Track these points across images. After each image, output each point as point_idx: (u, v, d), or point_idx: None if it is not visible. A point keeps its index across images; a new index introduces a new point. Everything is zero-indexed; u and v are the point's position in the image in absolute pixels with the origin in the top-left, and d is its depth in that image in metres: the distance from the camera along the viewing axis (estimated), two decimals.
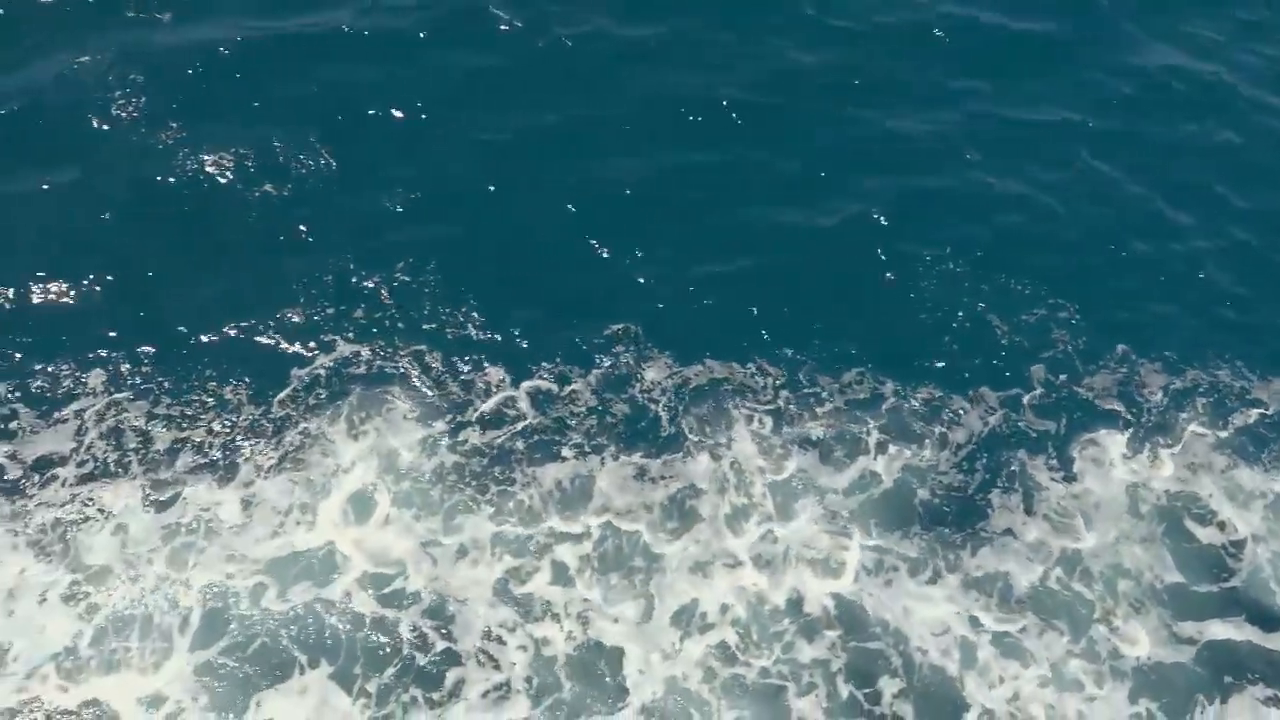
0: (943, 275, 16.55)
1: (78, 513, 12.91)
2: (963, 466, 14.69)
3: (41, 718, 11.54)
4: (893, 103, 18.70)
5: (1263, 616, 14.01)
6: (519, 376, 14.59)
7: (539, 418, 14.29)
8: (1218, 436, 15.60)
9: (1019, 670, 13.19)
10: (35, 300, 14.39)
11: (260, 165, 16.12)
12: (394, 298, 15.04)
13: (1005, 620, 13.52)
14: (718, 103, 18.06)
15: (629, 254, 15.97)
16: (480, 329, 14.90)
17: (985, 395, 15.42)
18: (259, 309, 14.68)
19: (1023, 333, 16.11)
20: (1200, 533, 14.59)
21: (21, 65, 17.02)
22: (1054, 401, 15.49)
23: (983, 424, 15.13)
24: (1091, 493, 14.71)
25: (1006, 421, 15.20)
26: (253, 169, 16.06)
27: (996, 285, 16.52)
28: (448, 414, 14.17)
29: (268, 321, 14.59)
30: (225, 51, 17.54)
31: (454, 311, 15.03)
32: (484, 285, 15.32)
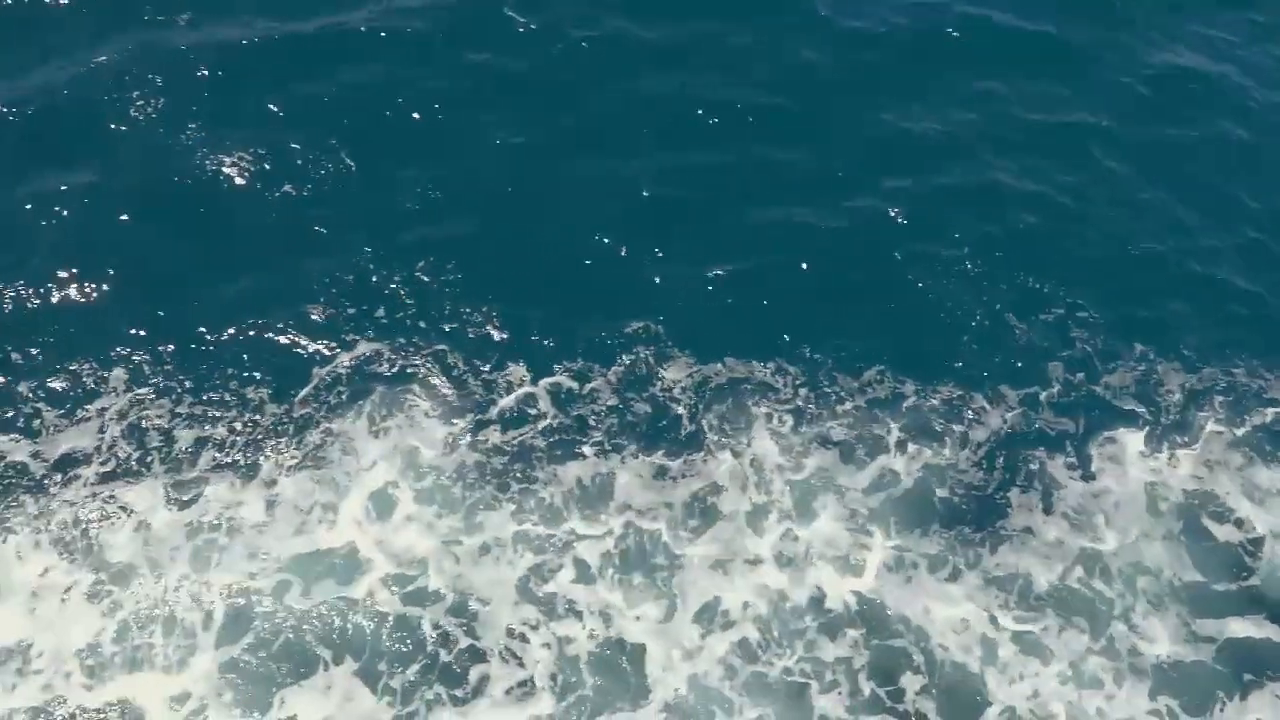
0: (961, 275, 16.60)
1: (100, 511, 12.97)
2: (982, 465, 14.72)
3: (65, 716, 11.54)
4: (909, 103, 18.74)
5: None
6: (539, 375, 14.65)
7: (559, 416, 14.33)
8: (1235, 434, 15.62)
9: (1039, 668, 13.22)
10: (57, 300, 14.44)
11: (279, 166, 16.16)
12: (414, 297, 15.09)
13: (1025, 618, 13.55)
14: (734, 103, 18.10)
15: (647, 253, 16.02)
16: (500, 328, 14.95)
17: (1004, 394, 15.45)
18: (280, 308, 14.73)
19: (1041, 332, 16.15)
20: (1218, 531, 14.61)
21: (40, 66, 17.07)
22: (1072, 400, 15.52)
23: (1002, 423, 15.17)
24: (1110, 491, 14.74)
25: (1025, 420, 15.24)
26: (272, 169, 16.10)
27: (1014, 285, 16.56)
28: (469, 412, 14.21)
29: (289, 321, 14.65)
30: (243, 52, 17.58)
31: (474, 310, 15.08)
32: (503, 285, 15.36)
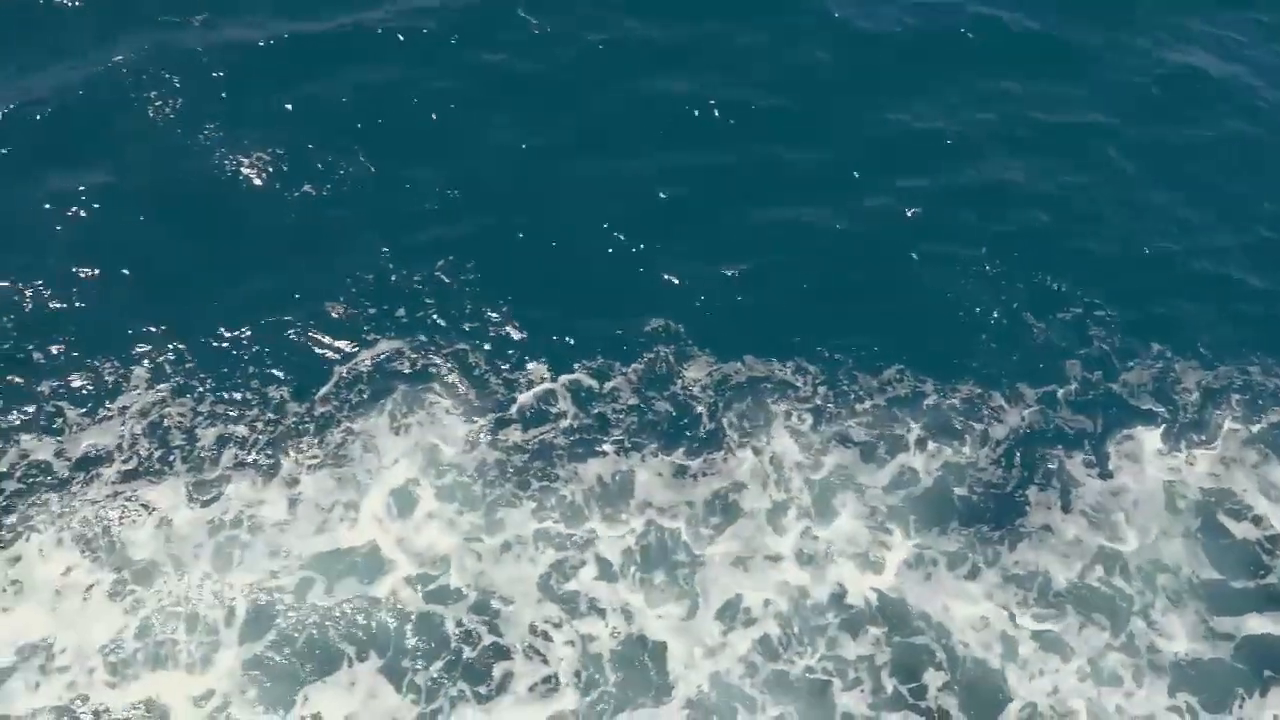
0: (978, 274, 16.65)
1: (122, 509, 13.00)
2: (1001, 463, 14.76)
3: (90, 714, 11.55)
4: (922, 103, 18.79)
5: None
6: (559, 373, 14.69)
7: (579, 414, 14.37)
8: (1251, 432, 15.66)
9: (1059, 664, 13.25)
10: (77, 299, 14.49)
11: (297, 166, 16.22)
12: (434, 296, 15.14)
13: (1045, 615, 13.57)
14: (747, 103, 18.16)
15: (664, 252, 16.07)
16: (519, 326, 15.00)
17: (1022, 393, 15.49)
18: (300, 307, 14.79)
19: (1058, 331, 16.19)
20: (1236, 528, 14.64)
21: (56, 67, 17.14)
22: (1090, 399, 15.56)
23: (1020, 421, 15.20)
24: (1128, 489, 14.78)
25: (1044, 419, 15.28)
26: (290, 170, 16.16)
27: (1031, 284, 16.62)
28: (489, 410, 14.25)
29: (309, 320, 14.70)
30: (258, 53, 17.65)
31: (493, 309, 15.13)
32: (522, 283, 15.42)
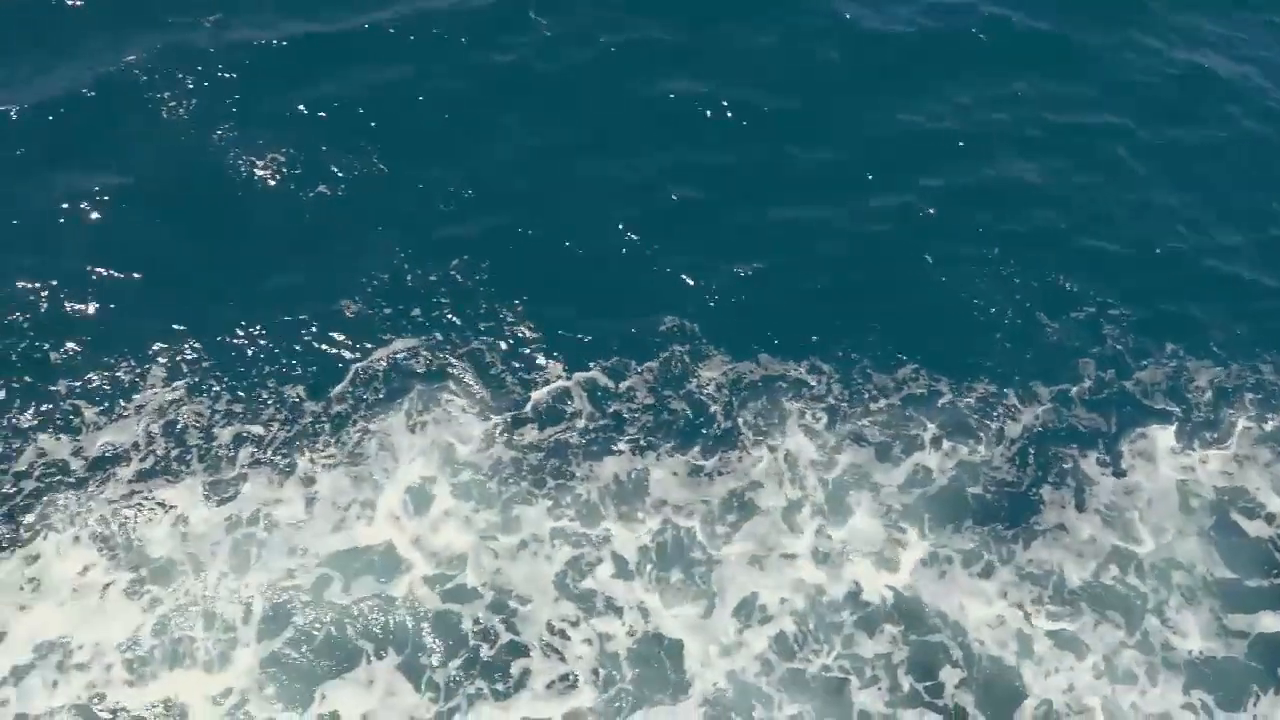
0: (992, 274, 16.70)
1: (139, 508, 13.02)
2: (1015, 462, 14.79)
3: (108, 712, 11.58)
4: (934, 103, 18.84)
5: None
6: (574, 372, 14.72)
7: (595, 413, 14.40)
8: (1264, 430, 15.69)
9: (1074, 662, 13.28)
10: (93, 299, 14.53)
11: (311, 166, 16.26)
12: (449, 295, 15.17)
13: (1060, 613, 13.60)
14: (758, 103, 18.20)
15: (679, 253, 16.11)
16: (534, 326, 15.04)
17: (1036, 392, 15.53)
18: (316, 307, 14.82)
19: (1071, 330, 16.24)
20: (1249, 526, 14.68)
21: (69, 68, 17.15)
22: (1104, 398, 15.60)
23: (1034, 420, 15.24)
24: (1141, 487, 14.81)
25: (1057, 417, 15.31)
26: (304, 170, 16.21)
27: (1044, 284, 16.67)
28: (505, 409, 14.29)
29: (325, 319, 14.73)
30: (271, 54, 17.69)
31: (508, 309, 15.17)
32: (537, 283, 15.45)
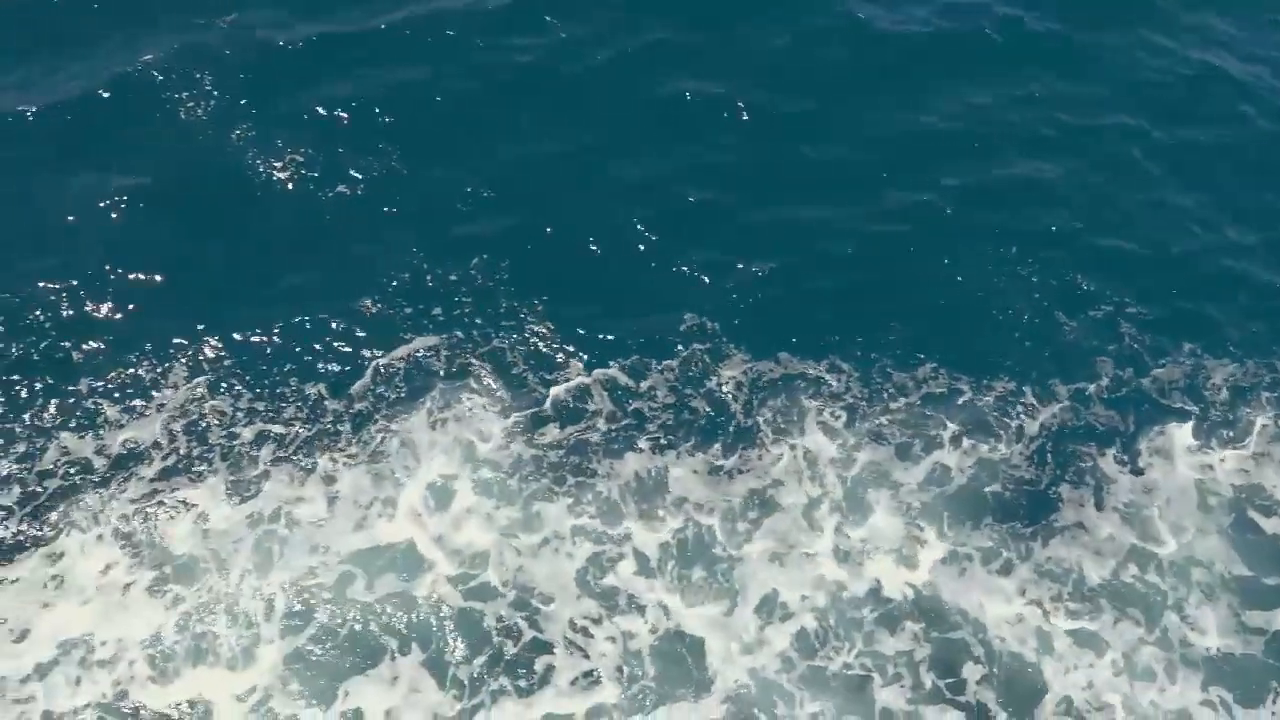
0: (1010, 274, 16.75)
1: (161, 506, 13.08)
2: (1034, 460, 14.82)
3: (131, 709, 11.62)
4: (950, 104, 18.88)
5: None
6: (594, 370, 14.76)
7: (615, 411, 14.45)
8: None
9: (1094, 659, 13.30)
10: (114, 298, 14.59)
11: (329, 166, 16.33)
12: (469, 295, 15.22)
13: (1079, 611, 13.63)
14: (773, 103, 18.25)
15: (698, 252, 16.16)
16: (554, 325, 15.09)
17: (1055, 390, 15.57)
18: (336, 306, 14.88)
19: (1089, 329, 16.27)
20: (1267, 524, 14.70)
21: (85, 68, 17.23)
22: (1122, 396, 15.63)
23: (1053, 419, 15.27)
24: (1160, 485, 14.85)
25: (1076, 416, 15.35)
26: (323, 170, 16.27)
27: (1063, 282, 16.72)
28: (525, 407, 14.33)
29: (345, 318, 14.79)
30: (287, 54, 17.78)
31: (528, 308, 15.22)
32: (556, 282, 15.49)
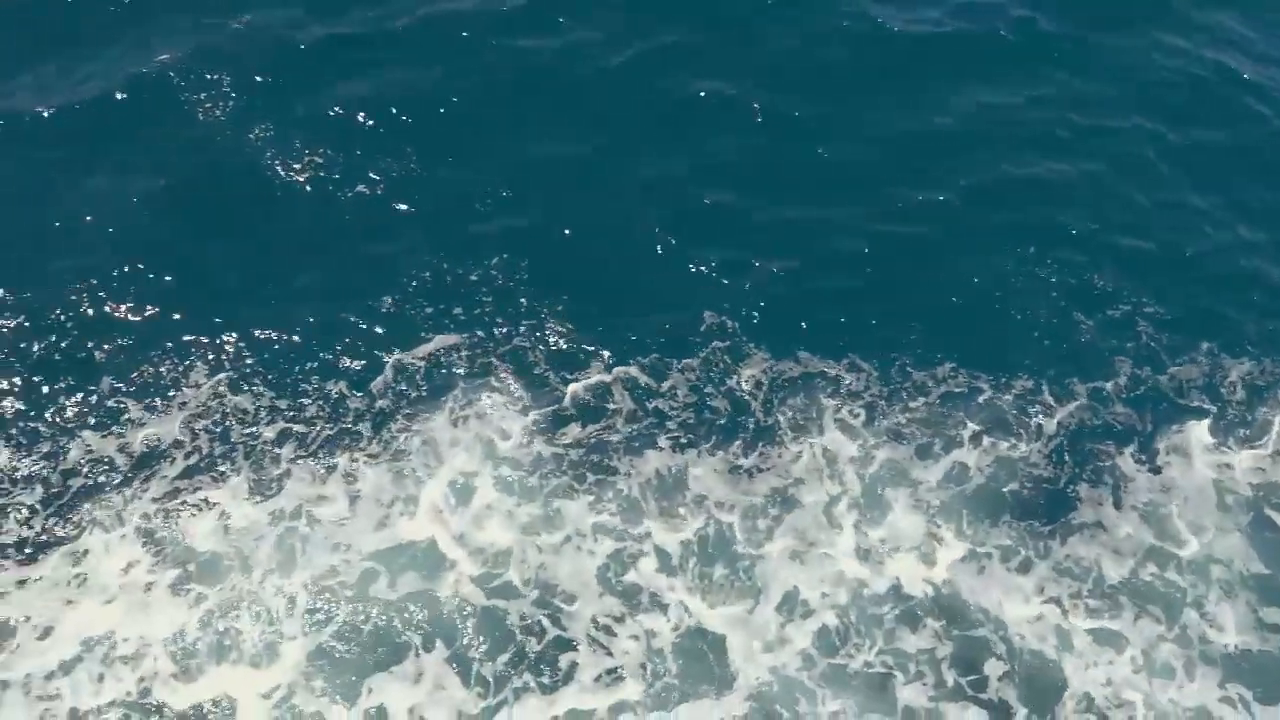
0: (1028, 273, 16.82)
1: (184, 505, 13.13)
2: (1052, 459, 14.88)
3: (156, 707, 11.68)
4: (966, 104, 18.92)
5: None
6: (614, 369, 14.83)
7: (635, 409, 14.50)
8: None
9: (1113, 656, 13.35)
10: (134, 299, 14.65)
11: (348, 166, 16.39)
12: (489, 294, 15.28)
13: (1098, 608, 13.67)
14: (791, 104, 18.29)
15: (716, 251, 16.21)
16: (574, 324, 15.15)
17: (1073, 389, 15.62)
18: (357, 306, 14.95)
19: (1106, 329, 16.33)
20: None
21: (99, 69, 17.28)
22: (1140, 395, 15.69)
23: (1071, 417, 15.33)
24: (1178, 484, 14.89)
25: (1094, 414, 15.41)
26: (341, 170, 16.33)
27: (1081, 282, 16.80)
28: (546, 406, 14.39)
29: (367, 318, 14.86)
30: (303, 55, 17.83)
31: (547, 307, 15.28)
32: (575, 282, 15.56)
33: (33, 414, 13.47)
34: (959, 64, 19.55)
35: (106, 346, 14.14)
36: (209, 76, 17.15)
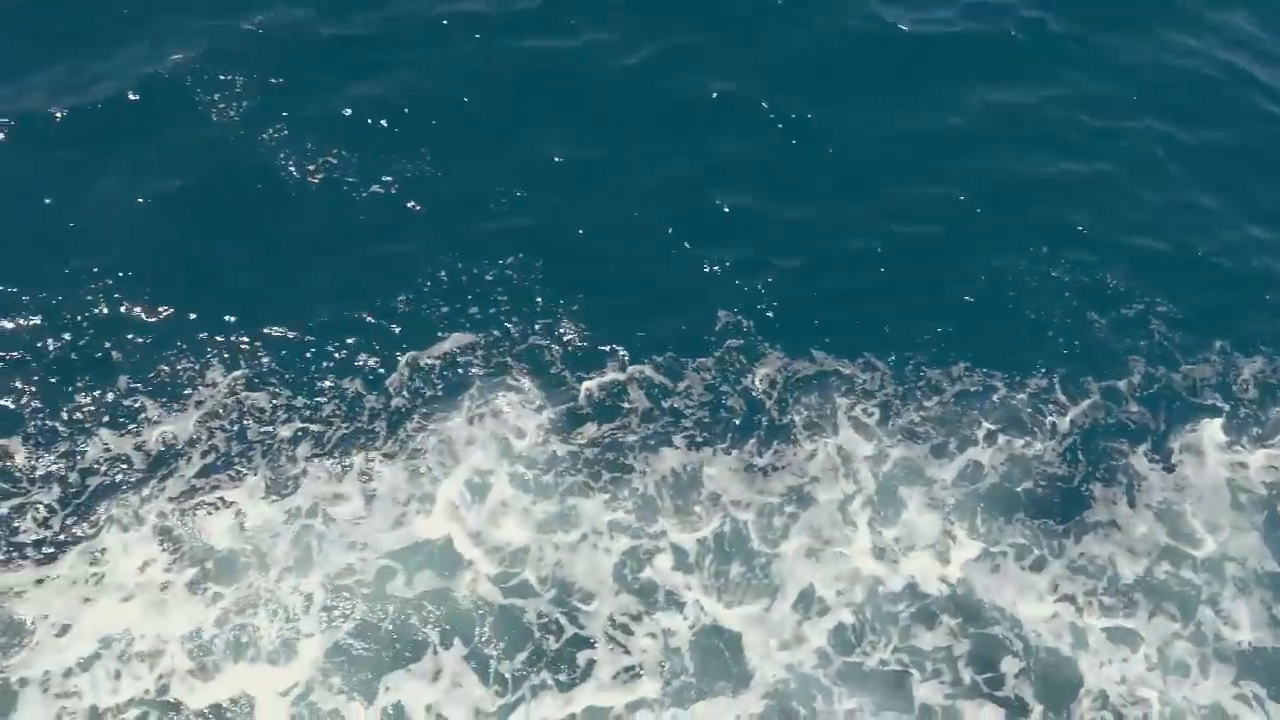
0: (1041, 273, 16.85)
1: (200, 503, 13.14)
2: (1066, 457, 14.92)
3: (174, 704, 11.70)
4: (977, 104, 18.95)
5: None
6: (629, 367, 14.85)
7: (651, 408, 14.53)
8: None
9: (1128, 654, 13.39)
10: (149, 298, 14.65)
11: (362, 166, 16.40)
12: (505, 293, 15.30)
13: (1113, 606, 13.71)
14: (802, 104, 18.32)
15: (731, 251, 16.21)
16: (589, 322, 15.16)
17: (1087, 387, 15.66)
18: (373, 305, 14.96)
19: (1119, 328, 16.37)
20: None
21: (111, 68, 17.28)
22: (1153, 393, 15.73)
23: (1084, 416, 15.37)
24: (1191, 482, 14.93)
25: (1108, 413, 15.44)
26: (355, 169, 16.34)
27: (1094, 281, 16.84)
28: (561, 404, 14.42)
29: (382, 317, 14.87)
30: (314, 55, 17.82)
31: (562, 306, 15.30)
32: (590, 281, 15.56)
33: (50, 413, 13.49)
34: (969, 64, 19.59)
35: (122, 346, 14.16)
36: (222, 77, 17.16)
